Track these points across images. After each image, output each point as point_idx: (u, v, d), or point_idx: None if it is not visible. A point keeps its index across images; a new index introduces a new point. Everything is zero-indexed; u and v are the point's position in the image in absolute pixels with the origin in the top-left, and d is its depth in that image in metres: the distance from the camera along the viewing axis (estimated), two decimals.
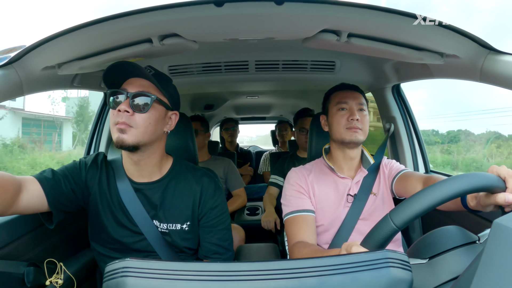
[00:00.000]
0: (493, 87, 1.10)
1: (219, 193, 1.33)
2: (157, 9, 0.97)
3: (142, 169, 1.24)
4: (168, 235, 1.25)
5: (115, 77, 1.15)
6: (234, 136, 4.23)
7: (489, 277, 0.53)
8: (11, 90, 1.11)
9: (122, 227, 1.24)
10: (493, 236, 0.57)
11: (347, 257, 0.60)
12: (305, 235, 1.32)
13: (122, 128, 1.09)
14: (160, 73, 1.21)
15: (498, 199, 0.75)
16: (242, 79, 2.18)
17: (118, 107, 1.09)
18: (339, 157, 1.49)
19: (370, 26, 1.09)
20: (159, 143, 1.23)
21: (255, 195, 3.07)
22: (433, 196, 0.68)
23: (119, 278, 0.58)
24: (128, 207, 1.23)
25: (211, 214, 1.29)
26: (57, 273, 1.45)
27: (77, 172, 1.23)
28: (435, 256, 0.73)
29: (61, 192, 1.16)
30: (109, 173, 1.27)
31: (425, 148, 2.05)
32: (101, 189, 1.25)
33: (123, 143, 1.10)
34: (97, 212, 1.25)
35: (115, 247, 1.26)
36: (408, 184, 1.32)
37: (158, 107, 1.16)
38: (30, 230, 1.43)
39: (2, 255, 1.28)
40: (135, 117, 1.10)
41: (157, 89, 1.15)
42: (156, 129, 1.16)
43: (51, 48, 1.10)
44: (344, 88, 1.49)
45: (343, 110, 1.43)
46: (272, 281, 0.56)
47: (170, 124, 1.25)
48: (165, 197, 1.26)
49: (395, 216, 0.69)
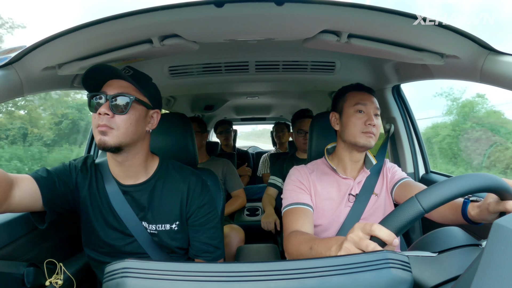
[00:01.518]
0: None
1: (206, 192, 1.33)
2: (158, 10, 0.97)
3: (128, 170, 1.24)
4: (157, 236, 1.25)
5: (94, 81, 1.15)
6: (228, 139, 4.21)
7: (489, 277, 0.53)
8: (11, 91, 1.11)
9: (113, 229, 1.25)
10: (493, 237, 0.57)
11: (347, 257, 0.60)
12: (302, 226, 1.30)
13: (103, 131, 1.10)
14: (139, 73, 1.21)
15: (508, 206, 0.77)
16: (242, 79, 2.18)
17: (98, 110, 1.09)
18: (345, 158, 1.47)
19: (370, 27, 1.09)
20: (142, 143, 1.23)
21: (254, 196, 3.07)
22: (461, 184, 0.70)
23: (118, 278, 0.58)
24: (117, 209, 1.23)
25: (199, 212, 1.29)
26: (57, 274, 1.45)
27: (68, 174, 1.24)
28: (444, 251, 0.73)
29: (56, 192, 1.17)
30: (98, 176, 1.28)
31: (425, 148, 2.05)
32: (91, 192, 1.25)
33: (105, 145, 1.10)
34: (88, 215, 1.26)
35: (106, 250, 1.26)
36: (409, 193, 1.31)
37: (138, 107, 1.16)
38: (30, 231, 1.43)
39: (1, 256, 1.28)
40: (115, 118, 1.11)
41: (136, 89, 1.16)
42: (137, 129, 1.17)
43: (52, 48, 1.10)
44: (363, 90, 1.46)
45: (361, 112, 1.40)
46: (272, 282, 0.56)
47: (152, 123, 1.25)
48: (153, 198, 1.26)
49: (422, 199, 0.69)
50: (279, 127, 4.26)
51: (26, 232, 1.41)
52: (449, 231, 0.77)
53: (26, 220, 1.41)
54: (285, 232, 1.35)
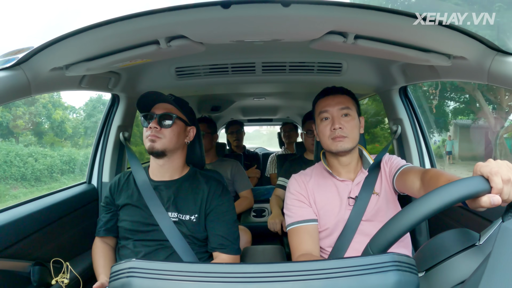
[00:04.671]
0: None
1: (226, 194, 1.54)
2: (164, 11, 0.97)
3: (164, 171, 1.53)
4: (178, 223, 1.45)
5: (145, 103, 1.48)
6: (240, 139, 4.21)
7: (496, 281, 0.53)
8: (19, 91, 1.13)
9: (139, 218, 1.46)
10: (500, 240, 0.56)
11: (354, 260, 0.59)
12: (308, 247, 1.35)
13: (152, 139, 1.42)
14: (179, 98, 1.56)
15: (483, 203, 0.70)
16: (249, 80, 2.18)
17: (150, 125, 1.43)
18: (334, 163, 1.47)
19: (377, 28, 1.08)
20: (181, 152, 1.54)
21: (262, 197, 3.06)
22: (406, 220, 0.68)
23: (124, 278, 0.59)
24: (147, 200, 1.46)
25: (217, 210, 1.49)
26: (63, 273, 1.46)
27: (110, 199, 1.54)
28: (431, 268, 0.72)
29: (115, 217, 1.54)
30: (130, 178, 1.56)
31: (432, 150, 2.04)
32: (126, 193, 1.52)
33: (153, 149, 1.42)
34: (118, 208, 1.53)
35: (130, 236, 1.46)
36: (407, 181, 1.28)
37: (179, 123, 1.48)
38: (37, 230, 1.44)
39: (9, 254, 1.29)
40: (162, 131, 1.43)
41: (177, 110, 1.49)
42: (178, 139, 1.48)
43: (59, 49, 1.11)
44: (326, 94, 1.45)
45: (326, 119, 1.40)
46: (277, 283, 0.56)
47: (189, 136, 1.57)
48: (178, 193, 1.50)
49: (373, 245, 0.70)
50: (286, 127, 4.26)
51: (33, 231, 1.42)
52: (442, 239, 0.75)
53: (33, 219, 1.43)
54: (292, 254, 1.40)
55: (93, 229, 1.53)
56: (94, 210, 1.98)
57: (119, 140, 2.09)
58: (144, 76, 1.97)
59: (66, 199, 1.74)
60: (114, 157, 2.10)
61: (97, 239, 1.52)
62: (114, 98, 2.06)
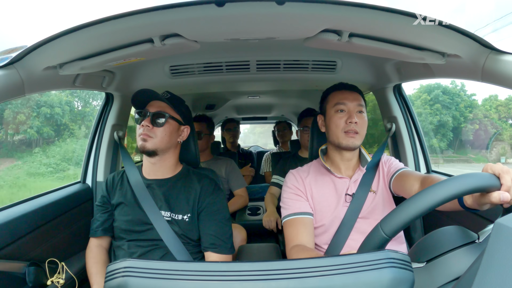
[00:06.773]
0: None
1: (218, 192, 1.53)
2: (159, 9, 0.97)
3: (156, 169, 1.52)
4: (171, 223, 1.44)
5: (140, 100, 1.48)
6: (236, 136, 4.21)
7: (491, 277, 0.53)
8: (12, 90, 1.12)
9: (133, 217, 1.45)
10: (494, 237, 0.57)
11: (349, 257, 0.59)
12: (303, 238, 1.34)
13: (144, 138, 1.41)
14: (174, 96, 1.53)
15: (493, 198, 0.73)
16: (243, 79, 2.18)
17: (142, 123, 1.42)
18: (336, 158, 1.48)
19: (371, 26, 1.08)
20: (173, 150, 1.53)
21: (256, 195, 3.06)
22: (421, 203, 0.68)
23: (120, 278, 0.59)
24: (140, 199, 1.46)
25: (209, 208, 1.48)
26: (59, 273, 1.45)
27: (107, 198, 1.55)
28: (432, 259, 0.72)
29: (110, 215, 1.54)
30: (124, 177, 1.56)
31: (426, 147, 2.05)
32: (120, 192, 1.53)
33: (144, 148, 1.42)
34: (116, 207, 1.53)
35: (124, 237, 1.46)
36: (406, 183, 1.30)
37: (172, 122, 1.47)
38: (32, 230, 1.43)
39: (3, 255, 1.28)
40: (154, 130, 1.42)
41: (171, 109, 1.47)
42: (170, 139, 1.47)
43: (53, 48, 1.10)
44: (343, 88, 1.46)
45: (342, 112, 1.41)
46: (273, 281, 0.56)
47: (183, 136, 1.55)
48: (171, 192, 1.49)
49: (385, 225, 0.70)
50: (280, 126, 4.27)
51: (28, 232, 1.41)
52: (443, 232, 0.76)
53: (28, 219, 1.42)
54: (286, 244, 1.38)
55: (88, 229, 1.52)
56: (89, 210, 1.97)
57: (113, 139, 2.08)
58: (139, 75, 1.96)
59: (61, 199, 1.73)
60: (108, 156, 2.09)
61: (92, 242, 1.52)
62: (108, 97, 2.05)
